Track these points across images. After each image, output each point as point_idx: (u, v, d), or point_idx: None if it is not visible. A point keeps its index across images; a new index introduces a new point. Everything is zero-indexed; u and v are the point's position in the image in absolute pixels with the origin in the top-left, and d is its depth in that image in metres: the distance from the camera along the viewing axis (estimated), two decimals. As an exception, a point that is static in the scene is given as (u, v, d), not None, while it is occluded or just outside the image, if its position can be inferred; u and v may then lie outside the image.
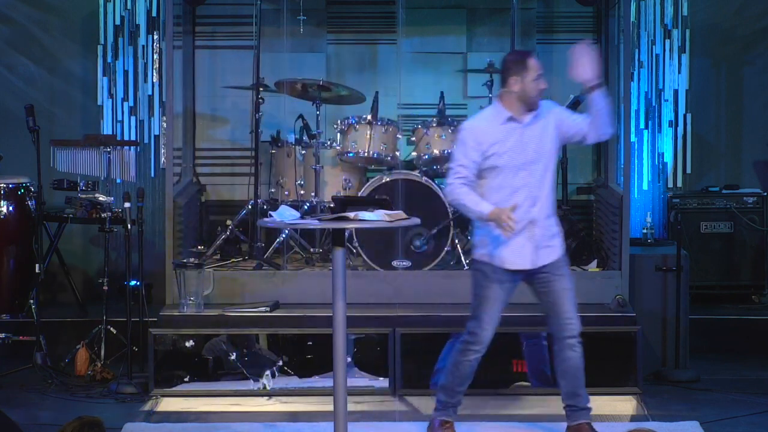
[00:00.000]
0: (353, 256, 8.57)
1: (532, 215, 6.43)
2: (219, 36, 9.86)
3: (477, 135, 6.44)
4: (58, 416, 7.16)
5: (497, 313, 6.55)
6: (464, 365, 6.61)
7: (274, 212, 6.43)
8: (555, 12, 9.88)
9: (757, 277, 9.59)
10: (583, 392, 6.62)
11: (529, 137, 6.44)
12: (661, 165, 9.89)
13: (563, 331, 6.52)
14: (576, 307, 6.56)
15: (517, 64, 6.46)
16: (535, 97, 6.45)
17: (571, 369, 6.57)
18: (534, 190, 6.42)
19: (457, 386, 6.67)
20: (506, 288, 6.54)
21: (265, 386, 7.79)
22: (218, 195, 9.90)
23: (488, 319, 6.54)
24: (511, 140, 6.42)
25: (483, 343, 6.57)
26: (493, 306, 6.53)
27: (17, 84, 9.85)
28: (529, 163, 6.42)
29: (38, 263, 8.21)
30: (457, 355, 6.64)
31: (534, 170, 6.42)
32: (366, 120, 8.78)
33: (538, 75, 6.44)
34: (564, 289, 6.51)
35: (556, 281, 6.51)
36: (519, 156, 6.41)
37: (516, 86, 6.44)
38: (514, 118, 6.45)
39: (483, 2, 9.78)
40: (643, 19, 9.86)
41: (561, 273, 6.53)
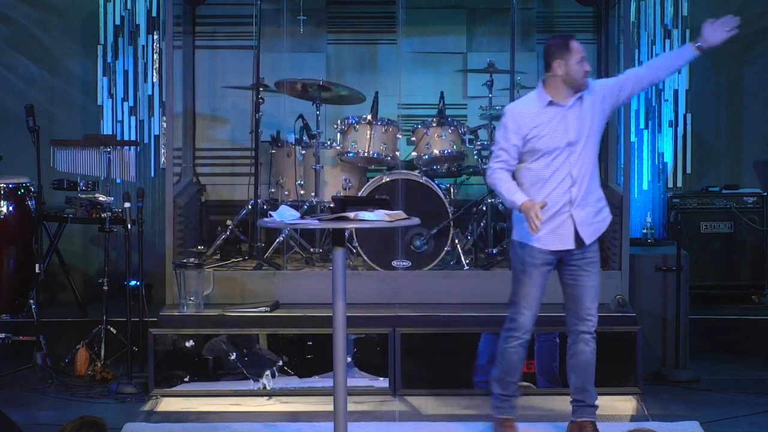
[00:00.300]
0: (353, 256, 8.57)
1: (572, 195, 6.43)
2: (219, 36, 9.86)
3: (517, 119, 6.47)
4: (58, 416, 7.16)
5: (535, 297, 6.51)
6: (509, 353, 6.58)
7: (274, 212, 6.42)
8: (555, 12, 9.88)
9: (757, 277, 9.59)
10: (591, 389, 6.62)
11: (571, 119, 6.44)
12: (661, 165, 9.89)
13: (581, 325, 6.53)
14: (597, 303, 6.57)
15: (560, 48, 6.45)
16: (581, 80, 6.45)
17: (582, 363, 6.57)
18: (574, 170, 6.43)
19: (507, 376, 6.63)
20: (543, 272, 6.51)
21: (265, 386, 7.79)
22: (218, 195, 9.91)
23: (525, 304, 6.50)
24: (552, 123, 6.44)
25: (523, 329, 6.53)
26: (530, 290, 6.50)
27: (17, 84, 9.85)
28: (569, 144, 6.42)
29: (38, 263, 8.21)
30: (502, 343, 6.63)
31: (573, 150, 6.43)
32: (366, 120, 8.78)
33: (581, 57, 6.44)
34: (590, 286, 6.52)
35: (584, 276, 6.51)
36: (559, 139, 6.42)
37: (560, 70, 6.45)
38: (555, 102, 6.46)
39: (483, 2, 9.78)
40: (643, 19, 9.86)
41: (590, 270, 6.52)
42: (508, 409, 6.69)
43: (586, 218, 6.48)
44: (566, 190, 6.44)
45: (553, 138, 6.42)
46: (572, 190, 6.44)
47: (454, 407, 7.51)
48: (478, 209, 8.83)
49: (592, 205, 6.52)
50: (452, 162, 8.85)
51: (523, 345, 6.59)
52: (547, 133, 6.42)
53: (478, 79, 9.09)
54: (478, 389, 7.71)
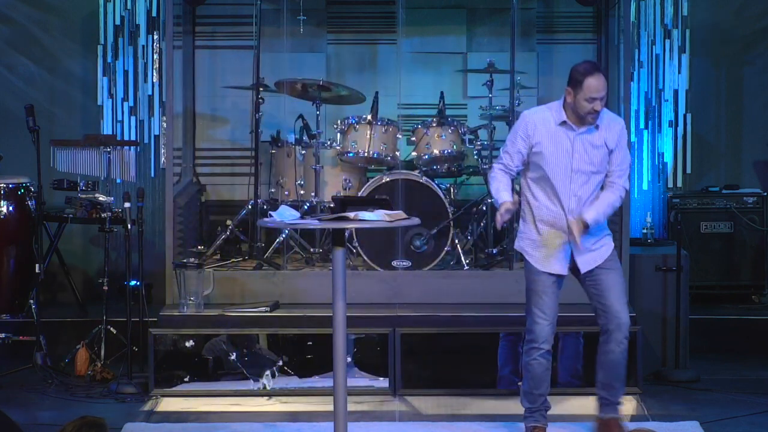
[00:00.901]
0: (353, 256, 8.57)
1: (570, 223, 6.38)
2: (219, 36, 9.86)
3: (528, 128, 6.41)
4: (58, 416, 7.16)
5: (549, 305, 6.43)
6: (532, 366, 6.50)
7: (274, 212, 6.42)
8: (555, 12, 9.88)
9: (757, 277, 9.59)
10: (618, 386, 6.56)
11: (580, 146, 6.37)
12: (661, 165, 9.89)
13: (610, 324, 6.46)
14: (625, 301, 6.50)
15: (575, 79, 6.34)
16: (584, 116, 6.33)
17: (610, 362, 6.51)
18: (575, 198, 6.37)
19: (534, 389, 6.55)
20: (552, 280, 6.45)
21: (265, 386, 7.79)
22: (218, 195, 9.91)
23: (539, 313, 6.43)
24: (560, 145, 6.37)
25: (541, 339, 6.45)
26: (541, 298, 6.43)
27: (17, 84, 9.85)
28: (573, 171, 6.36)
29: (38, 263, 8.21)
30: (524, 356, 6.55)
31: (576, 179, 6.36)
32: (366, 120, 8.78)
33: (591, 98, 6.29)
34: (612, 285, 6.44)
35: (603, 275, 6.44)
36: (564, 161, 6.36)
37: (569, 97, 6.37)
38: (568, 124, 6.38)
39: (483, 2, 9.78)
40: (643, 19, 9.86)
41: (609, 267, 6.46)
42: (538, 418, 6.62)
43: (584, 246, 6.41)
44: (564, 215, 6.38)
45: (556, 158, 6.35)
46: (570, 218, 6.38)
47: (454, 407, 7.51)
48: (478, 209, 8.83)
49: (593, 235, 6.44)
50: (452, 162, 8.85)
51: (545, 356, 6.49)
52: (551, 152, 6.37)
53: (478, 79, 9.09)
54: (502, 388, 7.74)
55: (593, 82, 6.30)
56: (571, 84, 6.36)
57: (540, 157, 6.39)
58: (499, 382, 7.80)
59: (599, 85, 6.31)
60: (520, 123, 6.47)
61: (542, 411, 6.63)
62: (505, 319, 7.91)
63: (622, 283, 6.54)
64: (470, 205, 8.87)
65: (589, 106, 6.31)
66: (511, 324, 7.85)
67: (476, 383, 7.80)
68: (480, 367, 7.82)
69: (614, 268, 6.50)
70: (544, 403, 6.63)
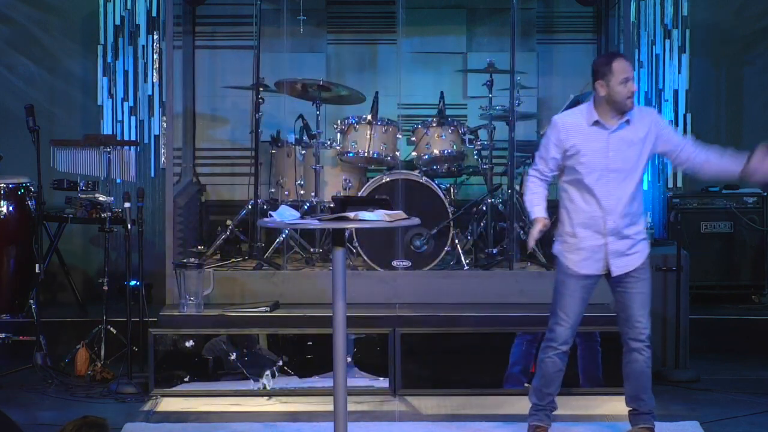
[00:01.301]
0: (353, 256, 8.57)
1: (608, 224, 6.34)
2: (219, 36, 9.87)
3: (560, 133, 6.37)
4: (58, 416, 7.15)
5: (573, 309, 6.42)
6: (546, 364, 6.51)
7: (274, 212, 6.42)
8: (555, 12, 9.88)
9: (757, 277, 9.59)
10: (646, 396, 6.53)
11: (614, 144, 6.32)
12: (661, 165, 9.89)
13: (631, 333, 6.43)
14: (648, 311, 6.46)
15: (603, 67, 6.31)
16: (623, 101, 6.29)
17: (635, 372, 6.48)
18: (612, 198, 6.32)
19: (544, 387, 6.55)
20: (582, 285, 6.43)
21: (265, 386, 7.79)
22: (218, 195, 9.91)
23: (563, 315, 6.42)
24: (594, 145, 6.32)
25: (560, 340, 6.44)
26: (568, 302, 6.41)
27: (17, 84, 9.85)
28: (609, 170, 6.31)
29: (38, 263, 8.21)
30: (540, 352, 6.57)
31: (613, 178, 6.31)
32: (366, 120, 8.78)
33: (625, 78, 6.27)
34: (639, 293, 6.40)
35: (632, 284, 6.40)
36: (599, 162, 6.31)
37: (602, 90, 6.31)
38: (601, 123, 6.33)
39: (483, 2, 9.78)
40: (643, 19, 9.86)
41: (639, 276, 6.41)
42: (542, 417, 6.61)
43: (620, 249, 6.38)
44: (602, 216, 6.34)
45: (592, 159, 6.31)
46: (608, 219, 6.33)
47: (454, 407, 7.51)
48: (478, 209, 8.83)
49: (630, 238, 6.40)
50: (452, 162, 8.85)
51: (561, 356, 6.48)
52: (587, 153, 6.32)
53: (478, 79, 9.09)
54: (509, 387, 7.74)
55: (620, 62, 6.31)
56: (599, 76, 6.31)
57: (575, 159, 6.34)
58: (507, 380, 7.78)
59: (627, 65, 6.32)
60: (552, 129, 6.42)
61: (547, 411, 6.61)
62: (505, 319, 7.91)
63: (648, 295, 6.46)
64: (470, 205, 8.87)
65: (625, 89, 6.28)
66: (511, 324, 7.85)
67: (476, 383, 7.80)
68: (480, 367, 7.82)
69: (644, 278, 6.44)
70: (551, 403, 6.61)
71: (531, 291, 8.16)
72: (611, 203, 6.33)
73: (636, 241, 6.43)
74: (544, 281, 8.23)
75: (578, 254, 6.40)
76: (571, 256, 6.42)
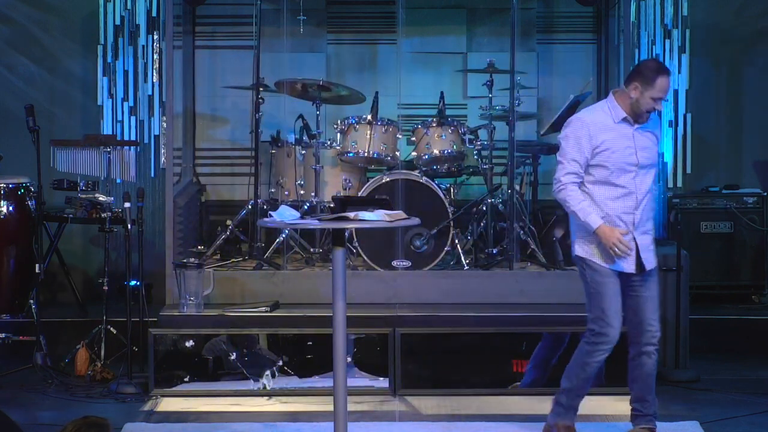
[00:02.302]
0: (353, 256, 8.57)
1: (636, 218, 6.35)
2: (219, 36, 9.87)
3: (590, 129, 6.31)
4: (58, 416, 7.16)
5: (618, 307, 6.35)
6: (592, 366, 6.40)
7: (274, 212, 6.42)
8: (555, 12, 9.89)
9: (757, 277, 9.59)
10: (651, 398, 6.51)
11: (639, 141, 6.34)
12: (661, 165, 9.88)
13: (643, 337, 6.41)
14: (659, 315, 6.46)
15: (648, 73, 6.28)
16: (642, 113, 6.30)
17: (643, 375, 6.46)
18: (639, 193, 6.33)
19: (581, 389, 6.48)
20: (618, 282, 6.37)
21: (265, 386, 7.79)
22: (218, 195, 9.91)
23: (613, 314, 6.32)
24: (624, 141, 6.31)
25: (613, 341, 6.34)
26: (614, 299, 6.33)
27: (17, 84, 9.86)
28: (636, 165, 6.31)
29: (38, 263, 8.21)
30: (585, 357, 6.41)
31: (639, 173, 6.32)
32: (366, 120, 8.78)
33: (658, 97, 6.28)
34: (651, 297, 6.40)
35: (645, 287, 6.40)
36: (627, 157, 6.31)
37: (634, 93, 6.29)
38: (629, 120, 6.34)
39: (483, 2, 9.79)
40: (643, 19, 9.86)
41: (653, 278, 6.43)
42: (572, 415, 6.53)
43: (647, 243, 6.39)
44: (631, 212, 6.33)
45: (622, 156, 6.31)
46: (636, 213, 6.34)
47: (454, 407, 7.51)
48: (478, 209, 8.83)
49: (649, 233, 6.43)
50: (452, 162, 8.85)
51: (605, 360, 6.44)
52: (617, 150, 6.30)
53: (478, 79, 9.09)
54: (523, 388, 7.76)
55: (665, 82, 6.29)
56: (639, 79, 6.28)
57: (604, 156, 6.30)
58: (525, 380, 7.78)
59: (668, 85, 6.33)
60: (580, 127, 6.34)
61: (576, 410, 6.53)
62: (505, 319, 7.91)
63: (658, 297, 6.47)
64: (470, 205, 8.87)
65: (652, 105, 6.30)
66: (511, 324, 7.85)
67: (476, 383, 7.80)
68: (480, 367, 7.82)
69: (655, 280, 6.47)
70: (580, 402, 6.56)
71: (531, 291, 8.16)
72: (640, 198, 6.35)
73: (652, 237, 6.48)
74: (544, 281, 8.24)
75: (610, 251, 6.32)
76: (604, 253, 6.32)
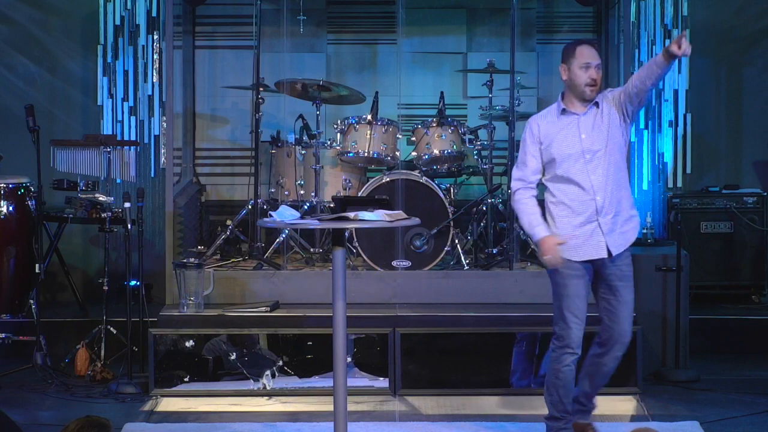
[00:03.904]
0: (353, 256, 8.57)
1: (598, 204, 6.31)
2: (219, 36, 9.87)
3: (533, 129, 6.37)
4: (58, 416, 7.16)
5: (580, 308, 6.32)
6: (564, 373, 6.36)
7: (274, 212, 6.42)
8: (555, 12, 9.89)
9: (757, 277, 9.59)
10: (596, 394, 6.54)
11: (585, 126, 6.29)
12: (661, 165, 9.89)
13: (614, 342, 6.38)
14: (632, 319, 6.43)
15: (567, 51, 6.31)
16: (582, 87, 6.26)
17: (601, 373, 6.46)
18: (594, 177, 6.28)
19: (564, 397, 6.41)
20: (582, 282, 6.35)
21: (265, 386, 7.79)
22: (218, 195, 9.91)
23: (571, 317, 6.31)
24: (564, 131, 6.31)
25: (575, 344, 6.32)
26: (574, 300, 6.31)
27: (17, 84, 9.85)
28: (584, 151, 6.28)
29: (38, 263, 8.21)
30: (554, 363, 6.39)
31: (591, 159, 6.27)
32: (366, 120, 8.78)
33: (586, 63, 6.25)
34: (626, 302, 6.37)
35: (620, 290, 6.37)
36: (572, 146, 6.28)
37: (564, 74, 6.31)
38: (568, 110, 6.33)
39: (483, 2, 9.79)
40: (643, 19, 9.86)
41: (624, 283, 6.39)
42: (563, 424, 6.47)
43: (613, 227, 6.34)
44: (591, 198, 6.30)
45: (564, 144, 6.29)
46: (597, 199, 6.30)
47: (454, 407, 7.51)
48: (478, 209, 8.83)
49: (621, 214, 6.37)
50: (452, 162, 8.85)
51: (575, 362, 6.38)
52: (560, 140, 6.30)
53: (478, 79, 9.09)
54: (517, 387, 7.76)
55: (584, 49, 6.28)
56: (563, 61, 6.32)
57: (550, 149, 6.32)
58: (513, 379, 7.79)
59: (591, 51, 6.29)
60: (526, 129, 6.41)
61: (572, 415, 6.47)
62: (505, 319, 7.92)
63: (633, 301, 6.44)
64: (470, 205, 8.88)
65: (586, 75, 6.26)
66: (511, 324, 7.85)
67: (476, 383, 7.80)
68: (480, 367, 7.82)
69: (629, 285, 6.42)
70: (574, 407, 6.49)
71: (531, 291, 8.16)
72: (596, 183, 6.29)
73: (628, 217, 6.41)
74: (544, 281, 8.19)
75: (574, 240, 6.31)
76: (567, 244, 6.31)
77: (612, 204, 6.33)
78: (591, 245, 6.34)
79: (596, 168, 6.30)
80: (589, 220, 6.32)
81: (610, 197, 6.32)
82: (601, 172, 6.30)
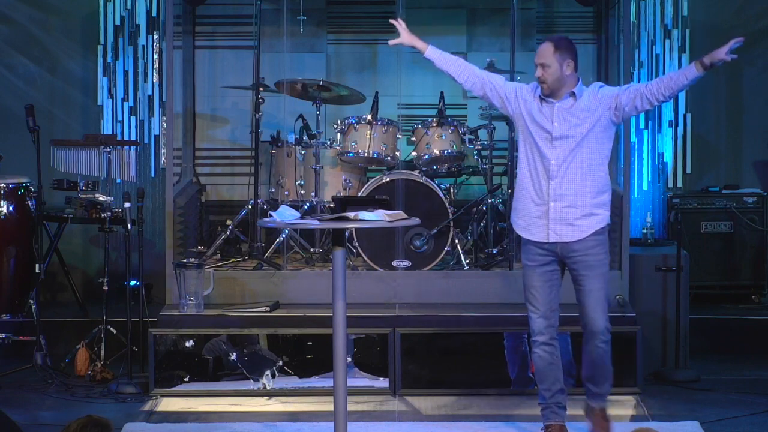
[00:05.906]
0: (353, 256, 8.58)
1: (551, 189, 6.43)
2: (219, 36, 9.87)
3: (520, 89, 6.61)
4: (58, 416, 7.16)
5: (538, 299, 6.51)
6: (534, 360, 6.62)
7: (274, 212, 6.42)
8: (555, 12, 9.89)
9: (757, 277, 9.59)
10: (602, 380, 6.59)
11: (558, 113, 6.45)
12: (661, 165, 9.89)
13: (588, 326, 6.52)
14: (601, 305, 6.48)
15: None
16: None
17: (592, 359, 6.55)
18: (554, 163, 6.42)
19: (540, 383, 6.62)
20: (542, 272, 6.51)
21: (265, 386, 7.79)
22: (218, 195, 9.91)
23: (530, 306, 6.54)
24: (541, 113, 6.48)
25: (537, 332, 6.54)
26: (530, 292, 6.53)
27: (17, 84, 9.86)
28: (554, 138, 6.43)
29: (38, 263, 8.21)
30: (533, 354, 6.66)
31: (558, 145, 6.42)
32: (366, 120, 8.78)
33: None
34: (591, 290, 6.46)
35: (585, 280, 6.47)
36: (543, 128, 6.46)
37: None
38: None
39: (483, 2, 9.79)
40: (643, 19, 9.86)
41: (588, 273, 6.46)
42: (549, 415, 6.63)
43: (565, 216, 6.45)
44: (546, 182, 6.44)
45: (538, 126, 6.46)
46: (552, 184, 6.43)
47: (454, 407, 7.51)
48: (478, 209, 8.83)
49: (578, 208, 6.45)
50: (452, 162, 8.85)
51: (544, 349, 6.54)
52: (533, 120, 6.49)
53: (479, 79, 9.08)
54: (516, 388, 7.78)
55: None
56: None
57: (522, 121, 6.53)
58: (513, 381, 7.80)
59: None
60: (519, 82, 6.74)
61: (553, 408, 6.61)
62: (505, 319, 7.91)
63: (602, 289, 6.51)
64: (470, 205, 8.88)
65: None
66: (510, 324, 7.85)
67: (476, 383, 7.80)
68: (480, 367, 7.82)
69: (594, 275, 6.48)
70: (558, 401, 6.61)
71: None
72: (555, 168, 6.42)
73: (589, 212, 6.46)
74: (544, 281, 8.23)
75: (524, 220, 6.55)
76: (519, 221, 6.57)
77: (574, 194, 6.43)
78: (539, 227, 6.49)
79: (561, 155, 6.43)
80: (541, 203, 6.47)
81: (573, 187, 6.43)
82: (567, 162, 6.42)
